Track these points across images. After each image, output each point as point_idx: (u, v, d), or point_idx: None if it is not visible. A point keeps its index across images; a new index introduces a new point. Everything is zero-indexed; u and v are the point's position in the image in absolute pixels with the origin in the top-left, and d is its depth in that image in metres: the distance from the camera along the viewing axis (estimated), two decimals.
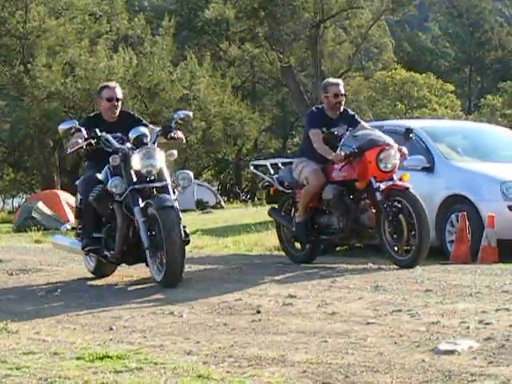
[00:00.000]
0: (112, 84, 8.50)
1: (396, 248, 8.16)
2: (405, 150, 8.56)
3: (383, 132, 9.41)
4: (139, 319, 5.69)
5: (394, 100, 43.93)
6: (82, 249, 7.96)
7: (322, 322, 5.20)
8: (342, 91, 8.98)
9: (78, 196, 8.32)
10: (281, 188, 9.51)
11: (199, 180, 39.57)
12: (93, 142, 7.57)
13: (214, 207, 33.47)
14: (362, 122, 9.19)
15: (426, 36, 67.29)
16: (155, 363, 4.13)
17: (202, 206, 32.91)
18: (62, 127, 7.82)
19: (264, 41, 35.68)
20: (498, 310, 5.31)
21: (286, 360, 4.14)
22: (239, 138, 43.25)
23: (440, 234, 9.81)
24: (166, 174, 7.46)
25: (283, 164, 9.95)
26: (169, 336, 4.98)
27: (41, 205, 24.01)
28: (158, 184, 7.36)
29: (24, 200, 29.22)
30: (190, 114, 8.12)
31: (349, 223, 8.49)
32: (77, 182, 8.53)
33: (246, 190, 51.79)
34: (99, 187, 7.51)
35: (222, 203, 36.24)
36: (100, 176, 7.58)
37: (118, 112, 8.15)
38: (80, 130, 7.63)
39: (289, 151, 50.13)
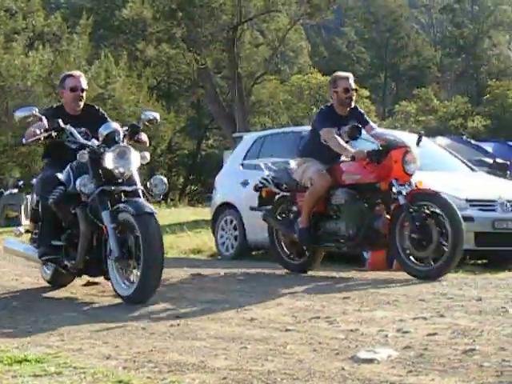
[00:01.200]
0: (76, 73, 7.85)
1: (414, 257, 7.63)
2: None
3: (302, 136, 10.19)
4: (57, 322, 5.61)
5: (309, 104, 44.12)
6: (39, 258, 7.29)
7: (241, 328, 5.21)
8: (353, 85, 8.51)
9: (35, 197, 7.68)
10: (276, 190, 8.96)
11: None
12: (53, 134, 6.93)
13: None
14: (371, 123, 8.66)
15: (343, 41, 67.91)
16: (74, 367, 4.10)
17: None
18: (19, 114, 7.00)
19: (181, 42, 35.29)
20: (415, 318, 5.40)
21: (206, 366, 4.12)
22: (154, 139, 42.91)
23: None
24: (137, 178, 6.87)
25: (273, 164, 9.39)
26: (87, 340, 4.96)
27: None
28: (128, 188, 6.71)
29: None
30: (157, 116, 7.33)
31: (362, 230, 7.98)
32: (33, 181, 7.89)
33: None
34: (60, 189, 6.86)
35: None
36: (61, 176, 6.94)
37: (82, 104, 7.57)
38: (41, 119, 6.92)
39: (203, 152, 51.19)
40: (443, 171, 10.92)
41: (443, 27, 72.57)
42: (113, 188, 6.58)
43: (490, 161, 14.02)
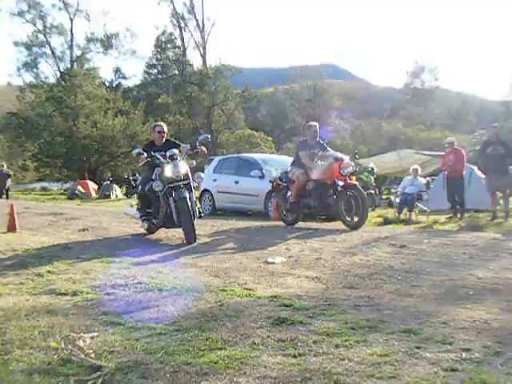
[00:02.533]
0: (161, 123, 12.60)
1: (347, 217, 12.71)
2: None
3: (240, 159, 19.38)
4: (153, 251, 8.31)
5: (245, 144, 67.86)
6: (140, 217, 12.14)
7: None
8: (318, 130, 14.03)
9: (140, 187, 12.18)
10: (280, 183, 14.62)
11: None
12: (150, 159, 11.28)
13: None
14: (327, 148, 13.90)
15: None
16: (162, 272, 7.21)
17: None
18: (136, 151, 11.55)
19: (185, 114, 62.78)
20: (295, 244, 9.96)
21: (198, 265, 7.45)
22: None
23: (266, 206, 17.86)
24: (190, 175, 11.14)
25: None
26: (166, 255, 7.67)
27: (79, 187, 43.32)
28: (184, 182, 10.92)
29: (71, 184, 47.31)
30: (209, 136, 12.60)
31: (321, 203, 13.29)
32: (138, 179, 13.46)
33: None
34: (151, 184, 11.24)
35: None
36: (153, 176, 11.37)
37: (164, 140, 12.00)
38: (142, 153, 11.29)
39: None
40: None
41: None
42: (173, 184, 10.84)
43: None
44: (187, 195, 10.79)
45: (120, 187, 46.37)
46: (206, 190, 21.26)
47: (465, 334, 4.49)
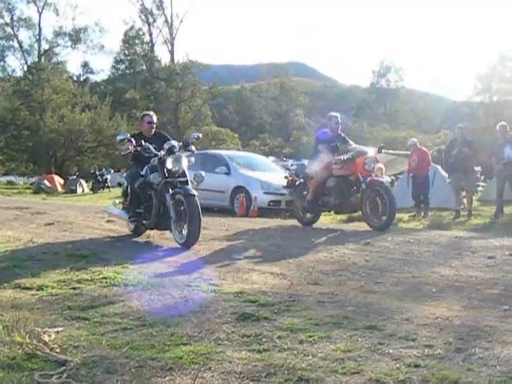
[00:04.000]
0: (150, 112, 11.54)
1: (372, 217, 11.95)
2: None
3: (207, 155, 19.25)
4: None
5: (211, 140, 68.13)
6: (129, 218, 10.72)
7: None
8: (340, 120, 13.23)
9: (125, 183, 11.10)
10: (297, 179, 13.72)
11: None
12: (139, 148, 10.20)
13: None
14: (349, 140, 13.15)
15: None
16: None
17: None
18: (120, 137, 10.70)
19: (152, 110, 65.50)
20: (259, 240, 9.87)
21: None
22: None
23: (232, 203, 18.44)
24: (187, 172, 10.03)
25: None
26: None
27: (45, 181, 43.64)
28: (181, 179, 9.84)
29: (37, 178, 48.40)
30: (200, 135, 11.32)
31: (342, 201, 12.43)
32: (124, 175, 11.95)
33: None
34: (141, 179, 10.27)
35: None
36: (142, 172, 10.29)
37: (153, 131, 10.96)
38: (131, 141, 10.33)
39: None
40: (271, 171, 20.29)
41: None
42: (171, 180, 9.79)
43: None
44: (195, 192, 9.65)
45: (86, 182, 46.46)
46: None
47: (427, 331, 4.55)
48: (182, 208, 9.60)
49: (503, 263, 8.03)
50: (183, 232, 9.59)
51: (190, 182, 9.94)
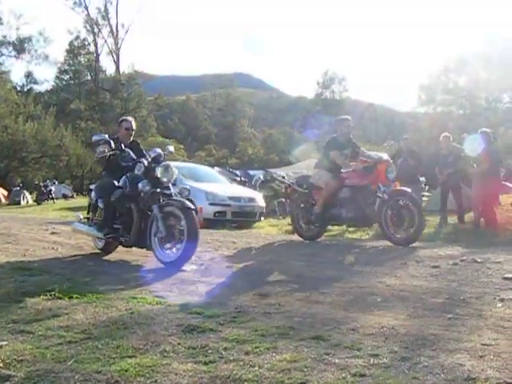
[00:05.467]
0: (129, 118, 10.59)
1: (394, 231, 11.06)
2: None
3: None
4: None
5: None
6: (104, 235, 9.57)
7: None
8: (351, 124, 12.41)
9: (94, 196, 9.97)
10: (299, 189, 12.72)
11: None
12: (118, 152, 9.42)
13: None
14: (360, 147, 12.43)
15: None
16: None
17: None
18: (96, 138, 9.56)
19: (98, 121, 63.75)
20: (204, 251, 9.74)
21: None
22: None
23: None
24: (170, 186, 9.16)
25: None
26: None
27: None
28: (167, 191, 9.01)
29: None
30: (172, 149, 10.13)
31: (357, 214, 11.57)
32: (92, 186, 10.43)
33: None
34: (119, 191, 9.30)
35: None
36: (120, 183, 9.34)
37: (131, 139, 10.08)
38: (109, 142, 9.36)
39: None
40: (217, 182, 20.85)
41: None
42: (159, 191, 8.95)
43: (238, 178, 24.61)
44: (191, 205, 8.73)
45: (30, 193, 46.02)
46: None
47: (373, 340, 4.57)
48: (172, 223, 8.76)
49: (447, 272, 8.13)
50: (173, 250, 8.70)
51: (174, 196, 9.14)
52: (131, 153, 9.53)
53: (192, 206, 8.64)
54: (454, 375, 3.78)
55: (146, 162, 9.26)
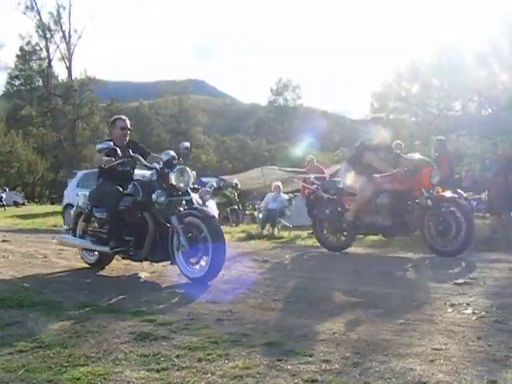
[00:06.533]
0: (123, 116, 9.39)
1: (439, 240, 10.17)
2: None
3: None
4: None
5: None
6: (111, 249, 8.56)
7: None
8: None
9: (86, 203, 9.35)
10: (326, 195, 11.81)
11: None
12: (127, 160, 8.64)
13: None
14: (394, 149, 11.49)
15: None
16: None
17: None
18: (101, 146, 8.40)
19: (49, 126, 62.63)
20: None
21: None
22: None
23: None
24: (189, 190, 8.31)
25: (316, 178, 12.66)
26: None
27: None
28: (186, 197, 8.17)
29: None
30: (188, 145, 8.85)
31: (396, 222, 10.64)
32: (85, 193, 9.68)
33: None
34: (129, 199, 8.40)
35: None
36: (128, 190, 8.49)
37: (127, 139, 9.10)
38: (115, 150, 8.44)
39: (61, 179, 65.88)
40: None
41: None
42: (175, 199, 8.10)
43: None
44: (215, 214, 8.03)
45: None
46: (68, 205, 20.80)
47: (325, 346, 4.60)
48: (194, 234, 7.85)
49: (399, 278, 8.23)
50: (200, 264, 7.83)
51: (194, 201, 8.39)
52: (141, 159, 8.70)
53: (213, 214, 7.95)
54: (405, 380, 3.82)
55: (156, 166, 8.39)
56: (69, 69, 78.24)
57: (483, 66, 35.13)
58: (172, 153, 8.39)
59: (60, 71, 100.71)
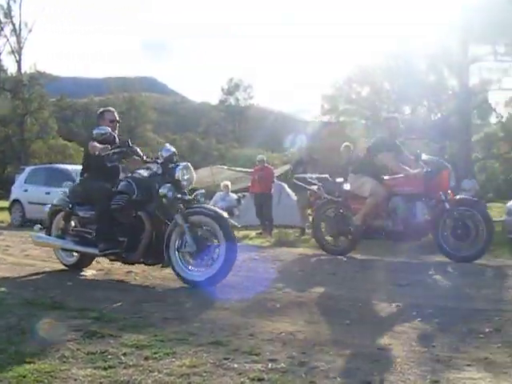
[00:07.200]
0: (111, 108, 8.93)
1: (456, 245, 9.72)
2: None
3: (53, 169, 19.25)
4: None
5: (57, 155, 66.97)
6: (100, 251, 8.01)
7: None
8: (401, 124, 11.16)
9: (65, 201, 8.76)
10: (329, 197, 11.19)
11: None
12: (125, 149, 8.09)
13: None
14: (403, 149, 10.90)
15: None
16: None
17: None
18: (99, 132, 8.01)
19: None
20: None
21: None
22: None
23: None
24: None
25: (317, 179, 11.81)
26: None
27: None
28: (185, 197, 7.64)
29: None
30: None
31: (410, 226, 10.03)
32: (66, 190, 8.97)
33: None
34: (123, 197, 7.84)
35: None
36: (119, 187, 7.99)
37: (116, 132, 8.55)
38: (114, 137, 8.26)
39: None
40: None
41: None
42: (180, 196, 7.59)
43: None
44: (225, 213, 7.52)
45: None
46: (16, 201, 20.68)
47: (271, 346, 4.64)
48: (201, 234, 7.48)
49: (345, 279, 8.32)
50: (209, 265, 7.40)
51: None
52: (139, 151, 8.26)
53: (225, 214, 7.47)
54: (350, 379, 3.88)
55: (158, 162, 7.96)
56: (18, 63, 77.18)
57: (433, 71, 35.56)
58: (172, 148, 8.00)
59: (9, 65, 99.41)
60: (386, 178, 10.51)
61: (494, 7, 26.70)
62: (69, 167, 21.00)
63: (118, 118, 8.77)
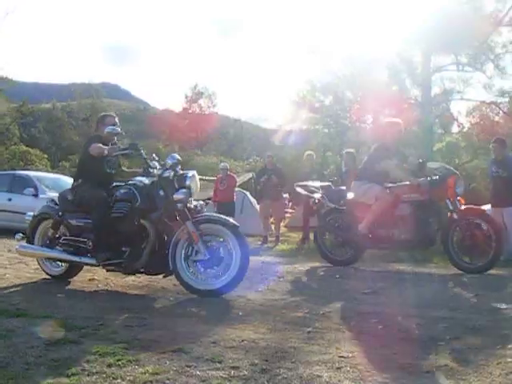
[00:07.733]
0: (113, 113, 8.77)
1: (465, 256, 9.54)
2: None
3: (14, 175, 18.77)
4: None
5: (19, 161, 64.45)
6: (99, 262, 7.74)
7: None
8: (403, 130, 10.83)
9: (54, 208, 8.45)
10: (332, 205, 10.80)
11: None
12: (132, 152, 7.82)
13: None
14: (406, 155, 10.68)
15: None
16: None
17: None
18: (109, 130, 7.87)
19: None
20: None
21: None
22: None
23: None
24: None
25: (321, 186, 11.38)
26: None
27: None
28: (194, 203, 7.60)
29: None
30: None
31: (417, 235, 9.71)
32: (56, 196, 8.64)
33: None
34: (125, 205, 7.63)
35: None
36: (118, 195, 7.77)
37: (116, 138, 8.34)
38: (122, 135, 8.16)
39: None
40: None
41: None
42: (195, 204, 7.60)
43: None
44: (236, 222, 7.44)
45: None
46: None
47: (234, 353, 4.67)
48: (211, 242, 7.40)
49: (308, 287, 8.41)
50: (219, 274, 7.30)
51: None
52: (143, 153, 7.96)
53: (236, 223, 7.41)
54: None
55: (168, 167, 7.78)
56: None
57: (395, 81, 35.80)
58: (177, 156, 7.91)
59: None
60: (389, 185, 10.16)
61: (457, 17, 26.95)
62: (31, 173, 20.86)
63: (118, 124, 8.49)
